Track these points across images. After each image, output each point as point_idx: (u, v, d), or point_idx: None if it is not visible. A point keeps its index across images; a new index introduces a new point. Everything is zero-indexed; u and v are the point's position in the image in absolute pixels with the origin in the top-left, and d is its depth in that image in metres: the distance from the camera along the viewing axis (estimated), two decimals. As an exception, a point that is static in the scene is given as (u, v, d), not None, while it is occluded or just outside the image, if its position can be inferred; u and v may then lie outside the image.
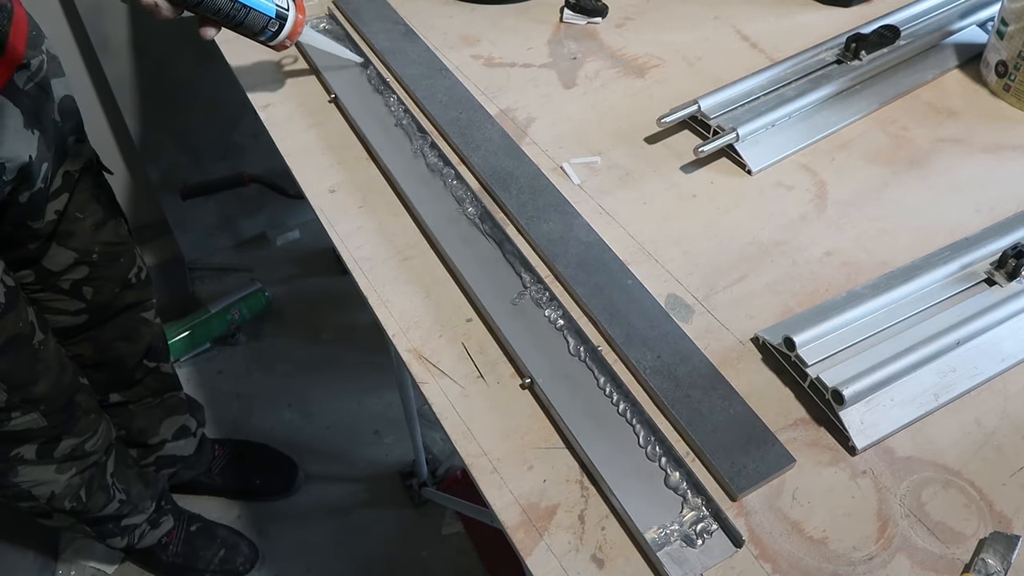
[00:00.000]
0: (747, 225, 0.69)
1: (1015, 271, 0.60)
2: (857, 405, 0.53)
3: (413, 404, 1.27)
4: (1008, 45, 0.78)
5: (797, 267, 0.65)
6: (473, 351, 0.59)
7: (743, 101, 0.78)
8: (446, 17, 0.93)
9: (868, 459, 0.53)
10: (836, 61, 0.82)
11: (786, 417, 0.55)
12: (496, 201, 0.70)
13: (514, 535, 0.50)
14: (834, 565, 0.48)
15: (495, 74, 0.85)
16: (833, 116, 0.78)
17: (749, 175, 0.73)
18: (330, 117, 0.80)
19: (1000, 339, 0.58)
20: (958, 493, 0.51)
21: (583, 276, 0.63)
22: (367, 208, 0.71)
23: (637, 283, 0.62)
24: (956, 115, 0.79)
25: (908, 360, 0.55)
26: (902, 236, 0.67)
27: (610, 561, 0.48)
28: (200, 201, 1.57)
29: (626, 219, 0.69)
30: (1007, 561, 0.47)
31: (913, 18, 0.87)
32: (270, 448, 1.43)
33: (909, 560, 0.48)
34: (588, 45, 0.89)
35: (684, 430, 0.53)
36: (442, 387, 0.57)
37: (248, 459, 1.41)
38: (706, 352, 0.58)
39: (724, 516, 0.49)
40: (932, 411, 0.55)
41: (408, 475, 1.42)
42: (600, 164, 0.74)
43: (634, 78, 0.85)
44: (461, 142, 0.75)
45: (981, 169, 0.73)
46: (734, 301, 0.62)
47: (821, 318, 0.57)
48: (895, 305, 0.60)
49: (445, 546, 1.37)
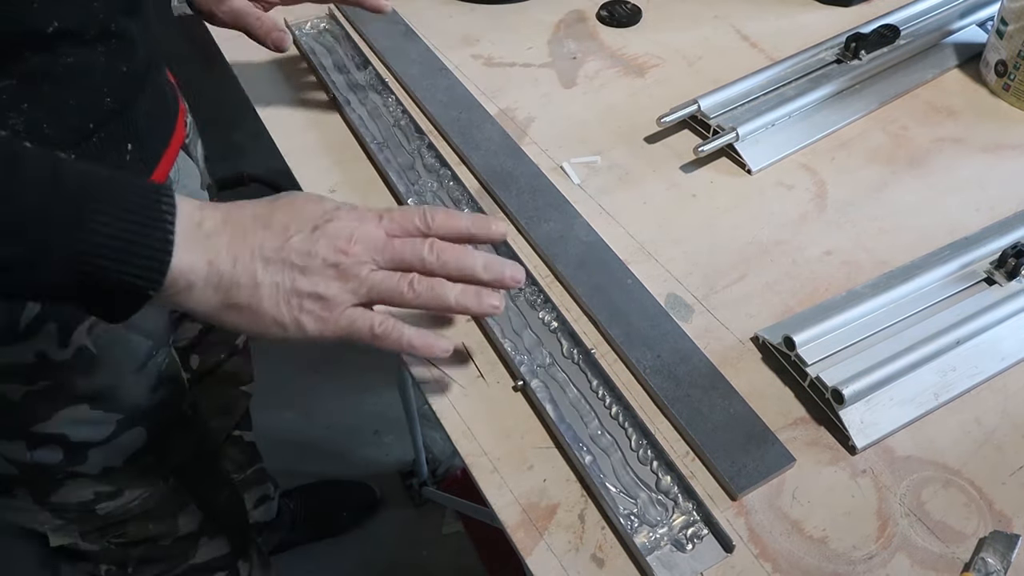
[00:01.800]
0: (747, 225, 0.69)
1: (1015, 270, 0.60)
2: (857, 404, 0.53)
3: (413, 404, 1.27)
4: (1008, 44, 0.78)
5: (797, 266, 0.65)
6: (473, 351, 0.59)
7: (743, 101, 0.78)
8: (446, 17, 0.93)
9: (868, 458, 0.53)
10: (836, 61, 0.82)
11: (786, 416, 0.55)
12: (496, 201, 0.70)
13: (514, 534, 0.50)
14: (834, 564, 0.48)
15: (495, 74, 0.85)
16: (833, 115, 0.78)
17: (749, 175, 0.73)
18: (330, 117, 0.80)
19: (1000, 338, 0.58)
20: (958, 492, 0.51)
21: (583, 276, 0.63)
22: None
23: (637, 283, 0.62)
24: (956, 114, 0.79)
25: (908, 359, 0.55)
26: (902, 235, 0.67)
27: (610, 561, 0.48)
28: (200, 201, 1.57)
29: (626, 219, 0.69)
30: (1007, 560, 0.47)
31: (913, 18, 0.87)
32: (331, 480, 1.40)
33: (909, 559, 0.48)
34: (588, 45, 0.89)
35: (684, 429, 0.53)
36: (442, 387, 0.57)
37: (322, 496, 1.37)
38: (706, 351, 0.58)
39: (715, 520, 0.49)
40: (932, 410, 0.55)
41: (408, 475, 1.43)
42: (600, 164, 0.75)
43: (634, 78, 0.85)
44: (461, 142, 0.74)
45: (981, 168, 0.73)
46: (734, 300, 0.63)
47: (821, 317, 0.57)
48: (895, 304, 0.60)
49: (445, 546, 1.37)
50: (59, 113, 0.51)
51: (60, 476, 0.66)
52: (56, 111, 0.50)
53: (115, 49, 0.53)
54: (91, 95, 0.53)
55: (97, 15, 0.51)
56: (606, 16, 0.92)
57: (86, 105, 0.53)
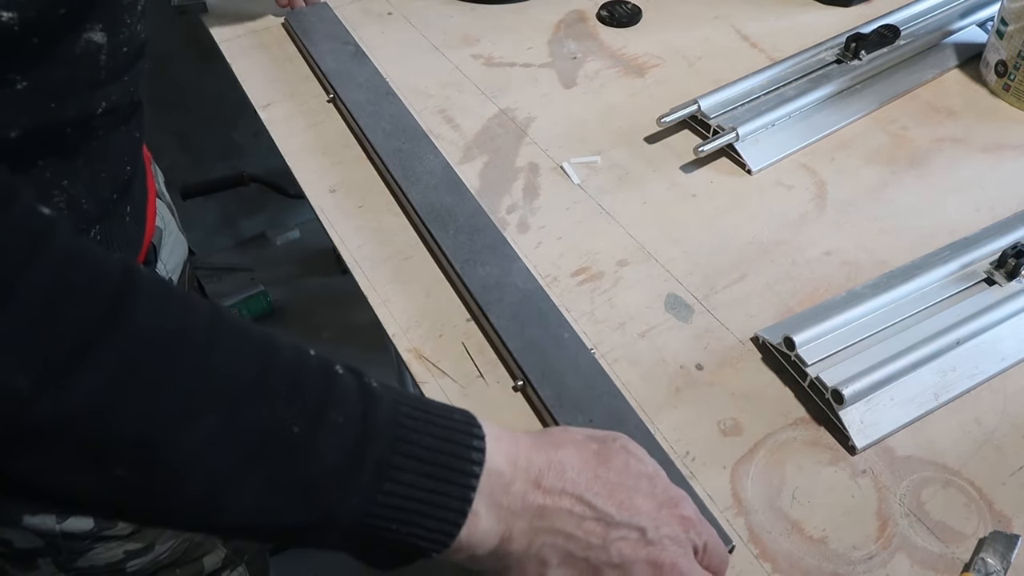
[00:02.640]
0: (747, 225, 0.69)
1: (1015, 271, 0.61)
2: (857, 405, 0.53)
3: (413, 404, 1.27)
4: (1008, 45, 0.78)
5: (797, 267, 0.65)
6: (473, 351, 0.59)
7: (743, 101, 0.78)
8: (446, 17, 0.93)
9: (868, 458, 0.53)
10: (836, 61, 0.82)
11: (786, 417, 0.55)
12: (433, 240, 0.65)
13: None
14: (834, 564, 0.48)
15: (495, 74, 0.85)
16: (833, 116, 0.78)
17: (749, 175, 0.73)
18: (330, 117, 0.80)
19: (1000, 338, 0.58)
20: (958, 492, 0.51)
21: (516, 328, 0.58)
22: (367, 208, 0.71)
23: (574, 336, 0.58)
24: (956, 115, 0.79)
25: (908, 360, 0.55)
26: (902, 236, 0.67)
27: (610, 560, 0.48)
28: (200, 201, 1.57)
29: (626, 219, 0.69)
30: (1007, 560, 0.47)
31: (913, 18, 0.87)
32: None
33: (909, 559, 0.48)
34: (588, 45, 0.89)
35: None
36: (442, 387, 0.57)
37: None
38: (706, 352, 0.58)
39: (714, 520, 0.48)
40: (932, 410, 0.55)
41: (408, 475, 1.42)
42: (600, 164, 0.75)
43: (634, 78, 0.85)
44: (401, 175, 0.70)
45: (981, 169, 0.73)
46: (734, 301, 0.63)
47: (821, 318, 0.57)
48: (895, 304, 0.60)
49: (445, 546, 1.37)
50: (94, 187, 0.49)
51: (89, 541, 0.63)
52: (92, 185, 0.49)
53: (133, 116, 0.53)
54: (117, 166, 0.52)
55: (133, 91, 0.50)
56: (606, 16, 0.92)
57: (116, 175, 0.52)
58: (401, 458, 0.34)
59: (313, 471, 0.33)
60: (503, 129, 0.78)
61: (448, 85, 0.83)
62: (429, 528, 0.35)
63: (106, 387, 0.29)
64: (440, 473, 0.35)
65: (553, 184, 0.72)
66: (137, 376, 0.30)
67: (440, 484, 0.35)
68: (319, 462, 0.33)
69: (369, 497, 0.34)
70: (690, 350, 0.59)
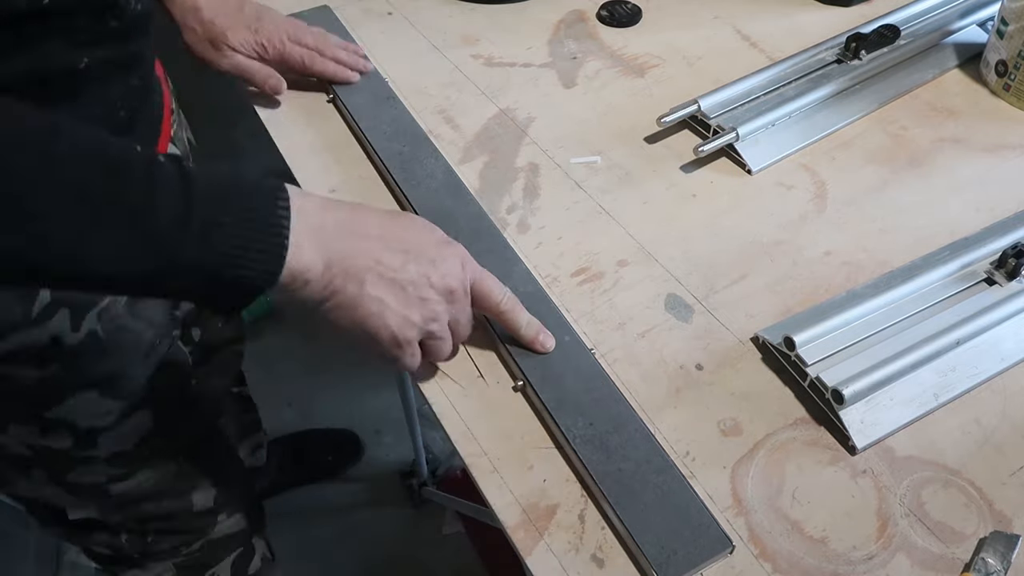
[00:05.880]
0: (747, 225, 0.69)
1: (1015, 271, 0.61)
2: (857, 405, 0.53)
3: (413, 404, 1.27)
4: (1008, 45, 0.78)
5: (797, 267, 0.65)
6: (473, 351, 0.59)
7: (743, 101, 0.78)
8: (446, 17, 0.93)
9: (868, 459, 0.53)
10: (836, 61, 0.82)
11: (786, 417, 0.55)
12: None
13: (514, 535, 0.50)
14: (834, 564, 0.48)
15: (495, 74, 0.85)
16: (833, 116, 0.78)
17: (749, 175, 0.73)
18: (330, 117, 0.80)
19: (1000, 339, 0.58)
20: (958, 492, 0.51)
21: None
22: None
23: (575, 339, 0.58)
24: (956, 115, 0.79)
25: (908, 360, 0.55)
26: (902, 236, 0.67)
27: (610, 561, 0.48)
28: (200, 201, 1.57)
29: (626, 219, 0.69)
30: (1007, 560, 0.47)
31: (913, 18, 0.87)
32: (316, 429, 1.48)
33: (909, 559, 0.48)
34: (588, 45, 0.89)
35: (612, 508, 0.49)
36: (442, 387, 0.57)
37: (307, 441, 1.45)
38: (706, 352, 0.58)
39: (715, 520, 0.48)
40: (932, 411, 0.55)
41: (408, 475, 1.42)
42: (600, 164, 0.75)
43: (634, 78, 0.85)
44: (402, 178, 0.70)
45: (981, 169, 0.73)
46: (734, 301, 0.63)
47: (821, 318, 0.57)
48: (895, 305, 0.60)
49: (445, 546, 1.37)
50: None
51: (72, 459, 0.68)
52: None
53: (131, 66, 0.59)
54: (108, 108, 0.57)
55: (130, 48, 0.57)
56: (606, 16, 0.92)
57: (106, 118, 0.57)
58: (222, 215, 0.43)
59: (153, 228, 0.42)
60: (503, 129, 0.78)
61: (448, 85, 0.83)
62: (258, 263, 0.44)
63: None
64: (257, 219, 0.45)
65: (553, 184, 0.72)
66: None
67: (258, 232, 0.44)
68: (157, 222, 0.42)
69: (201, 246, 0.43)
70: (690, 350, 0.59)
